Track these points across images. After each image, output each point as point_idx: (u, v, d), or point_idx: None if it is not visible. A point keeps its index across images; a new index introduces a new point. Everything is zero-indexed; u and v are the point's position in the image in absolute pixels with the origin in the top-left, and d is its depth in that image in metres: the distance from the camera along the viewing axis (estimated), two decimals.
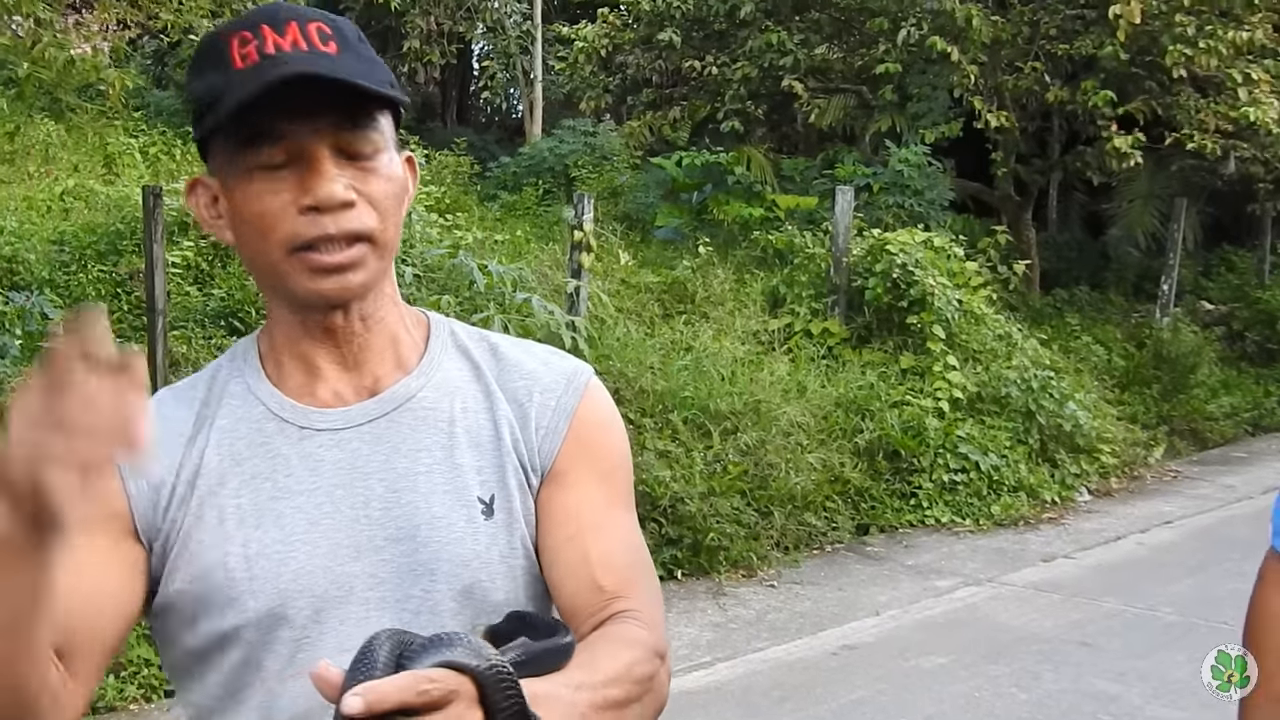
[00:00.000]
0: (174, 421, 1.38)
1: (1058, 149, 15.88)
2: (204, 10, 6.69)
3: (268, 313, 1.43)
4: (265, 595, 1.31)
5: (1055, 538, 8.54)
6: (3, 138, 13.64)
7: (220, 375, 1.43)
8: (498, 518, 1.38)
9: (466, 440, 1.40)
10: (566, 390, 1.44)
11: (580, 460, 1.42)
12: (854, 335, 10.12)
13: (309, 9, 1.35)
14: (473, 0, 19.92)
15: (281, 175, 1.30)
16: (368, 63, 1.32)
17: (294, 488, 1.35)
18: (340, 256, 1.31)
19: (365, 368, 1.41)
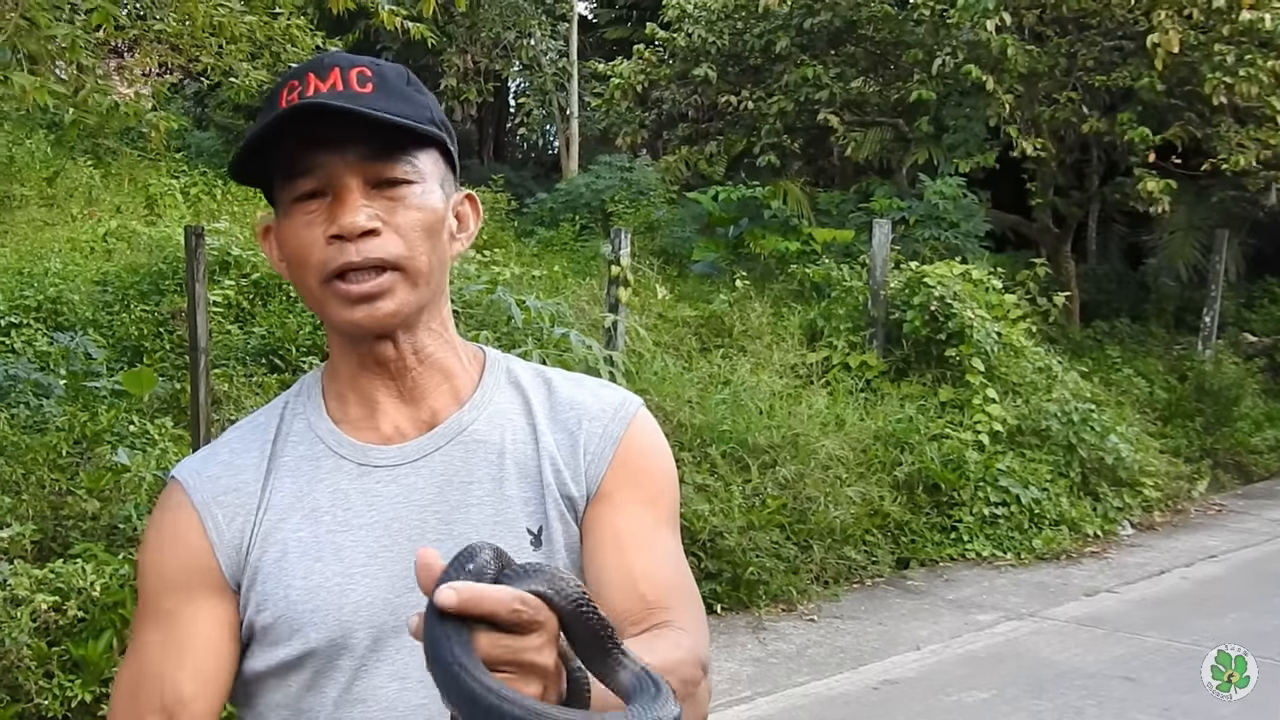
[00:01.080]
0: (245, 469, 1.43)
1: (1096, 180, 15.80)
2: (244, 53, 6.74)
3: (329, 346, 1.48)
4: (327, 626, 1.36)
5: (1098, 572, 8.44)
6: (44, 181, 13.84)
7: (287, 412, 1.48)
8: (545, 548, 1.41)
9: (515, 471, 1.44)
10: (614, 419, 1.48)
11: (626, 483, 1.45)
12: (892, 368, 10.08)
13: (359, 57, 1.40)
14: (509, 38, 20.09)
15: (315, 206, 1.36)
16: (403, 101, 1.37)
17: (353, 522, 1.40)
18: (367, 285, 1.35)
19: (423, 402, 1.45)
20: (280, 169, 1.37)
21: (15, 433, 6.26)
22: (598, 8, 24.88)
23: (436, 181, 1.41)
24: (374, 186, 1.36)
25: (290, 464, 1.43)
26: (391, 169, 1.36)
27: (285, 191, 1.38)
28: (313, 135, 1.33)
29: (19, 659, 4.53)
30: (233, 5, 6.54)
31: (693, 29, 14.56)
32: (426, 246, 1.38)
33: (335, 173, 1.35)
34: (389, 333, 1.39)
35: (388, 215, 1.35)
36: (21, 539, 4.93)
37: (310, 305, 1.41)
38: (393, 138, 1.36)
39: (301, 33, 7.02)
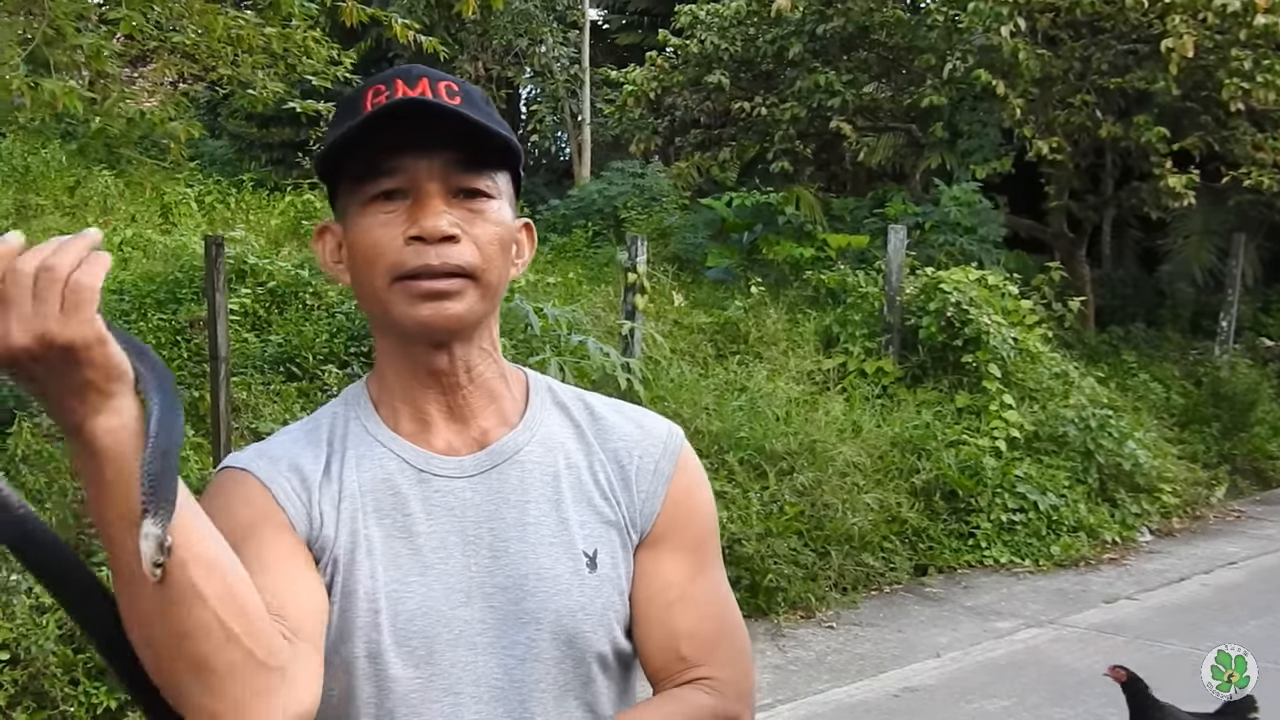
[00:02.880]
0: (304, 456, 1.42)
1: (1111, 185, 15.77)
2: (260, 64, 6.77)
3: (377, 356, 1.47)
4: (384, 631, 1.36)
5: (1117, 579, 8.42)
6: (65, 191, 13.89)
7: (337, 418, 1.47)
8: (601, 571, 1.42)
9: (571, 496, 1.45)
10: (664, 455, 1.49)
11: (675, 527, 1.47)
12: (908, 374, 10.07)
13: (443, 72, 1.40)
14: (521, 45, 20.12)
15: (393, 208, 1.36)
16: (486, 116, 1.37)
17: (411, 528, 1.40)
18: (439, 283, 1.35)
19: (473, 421, 1.45)
20: (361, 168, 1.37)
21: (38, 441, 6.28)
22: (609, 14, 24.89)
23: (508, 201, 1.43)
24: (454, 195, 1.37)
25: (353, 460, 1.42)
26: (475, 180, 1.38)
27: (361, 190, 1.38)
28: (400, 137, 1.34)
29: (45, 666, 4.55)
30: (249, 17, 6.57)
31: (705, 35, 14.56)
32: (499, 261, 1.40)
33: (420, 175, 1.35)
34: (447, 340, 1.40)
35: (466, 225, 1.36)
36: None
37: (369, 305, 1.41)
38: (478, 151, 1.37)
39: (318, 44, 7.05)
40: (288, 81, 7.30)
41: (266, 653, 1.15)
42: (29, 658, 4.53)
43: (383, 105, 1.34)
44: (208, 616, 1.12)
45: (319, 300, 9.42)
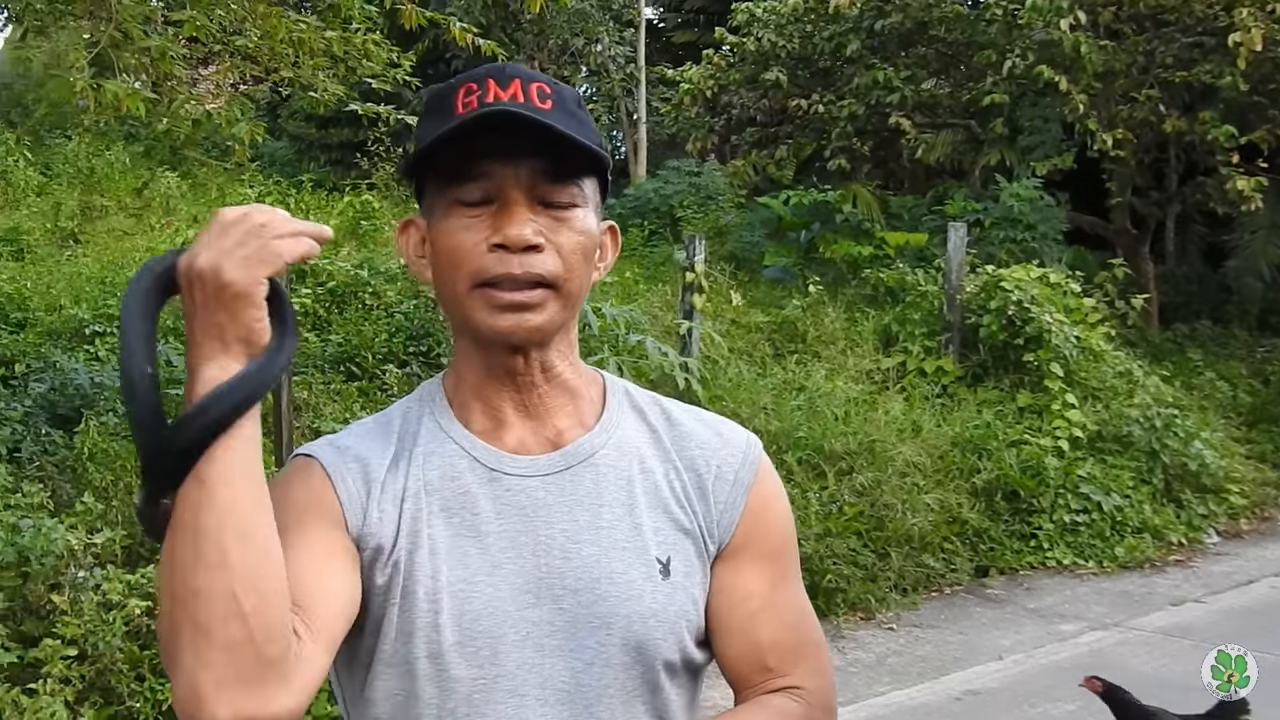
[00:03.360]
0: (373, 447, 1.42)
1: (1175, 180, 15.55)
2: (321, 67, 6.81)
3: (455, 354, 1.48)
4: (448, 630, 1.34)
5: (1183, 581, 8.30)
6: (130, 192, 14.08)
7: (410, 413, 1.47)
8: (674, 579, 1.41)
9: (646, 501, 1.43)
10: (743, 465, 1.48)
11: (754, 538, 1.46)
12: (969, 373, 9.98)
13: (536, 72, 1.41)
14: (577, 45, 20.15)
15: (478, 213, 1.36)
16: (579, 125, 1.36)
17: (480, 527, 1.38)
18: (521, 295, 1.35)
19: (548, 420, 1.44)
20: (448, 171, 1.37)
21: (104, 440, 6.36)
22: (665, 13, 24.89)
23: (594, 208, 1.41)
24: (540, 203, 1.36)
25: (422, 458, 1.42)
26: (561, 190, 1.37)
27: (447, 193, 1.38)
28: (488, 143, 1.34)
29: (112, 662, 4.60)
30: (311, 21, 6.62)
31: (762, 33, 14.52)
32: (581, 270, 1.39)
33: (506, 183, 1.35)
34: (525, 347, 1.39)
35: (551, 234, 1.36)
36: (112, 544, 4.99)
37: (449, 307, 1.41)
38: (567, 159, 1.36)
39: (377, 47, 7.09)
40: (347, 83, 7.34)
41: (266, 641, 1.14)
42: (96, 654, 4.58)
43: (471, 113, 1.33)
44: (224, 585, 1.12)
45: (378, 300, 9.48)
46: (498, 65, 1.40)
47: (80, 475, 6.12)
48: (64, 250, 12.09)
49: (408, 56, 7.48)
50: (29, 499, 5.44)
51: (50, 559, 4.76)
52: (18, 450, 6.49)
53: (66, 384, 7.34)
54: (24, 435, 6.67)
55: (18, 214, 13.03)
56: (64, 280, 10.30)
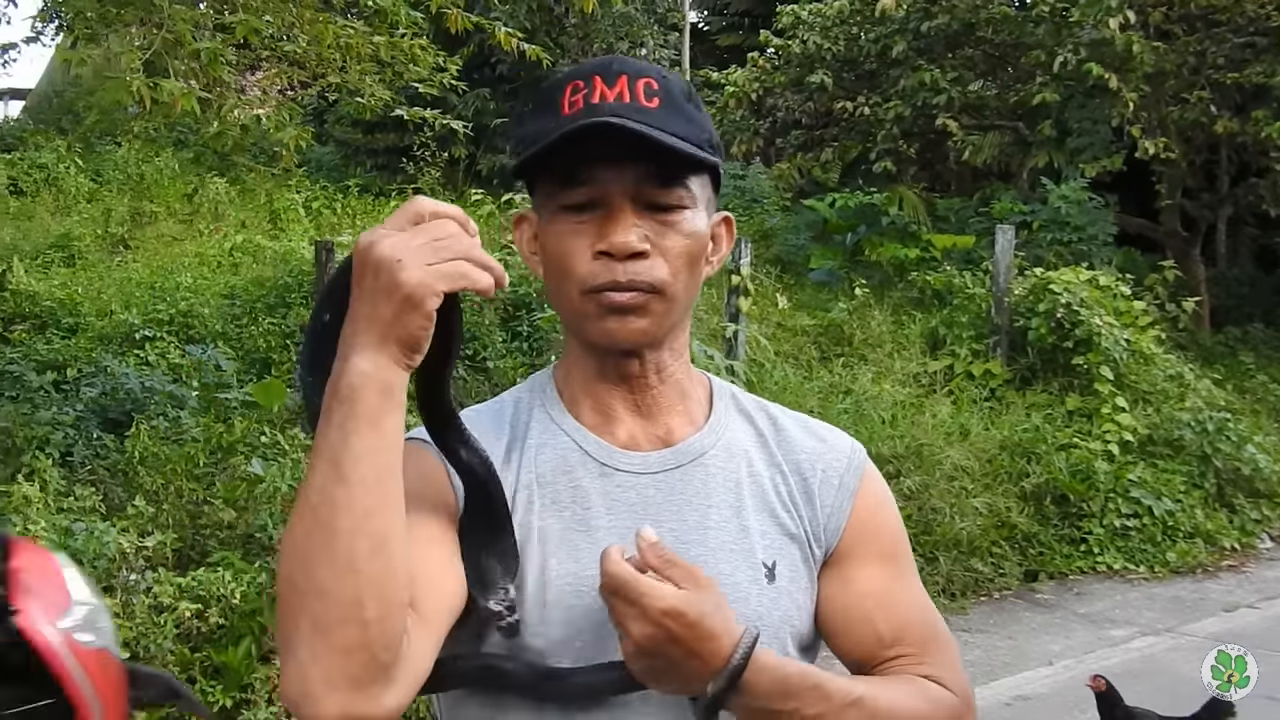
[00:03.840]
0: (486, 435, 1.40)
1: (1227, 182, 15.38)
2: (369, 70, 6.85)
3: (565, 349, 1.48)
4: (555, 624, 1.33)
5: (1236, 586, 8.20)
6: (179, 198, 14.21)
7: (521, 404, 1.47)
8: (779, 584, 1.40)
9: (753, 504, 1.43)
10: (848, 470, 1.48)
11: (863, 542, 1.46)
12: (1017, 376, 9.90)
13: (645, 65, 1.39)
14: (621, 48, 20.15)
15: (585, 218, 1.35)
16: (686, 121, 1.36)
17: (591, 522, 1.38)
18: (625, 298, 1.34)
19: (658, 418, 1.44)
20: (555, 173, 1.37)
21: (155, 444, 6.42)
22: (709, 16, 24.86)
23: (704, 205, 1.40)
24: (646, 207, 1.35)
25: (534, 449, 1.42)
26: (667, 194, 1.36)
27: (554, 196, 1.38)
28: (593, 148, 1.33)
29: (163, 665, 4.63)
30: (359, 26, 6.66)
31: (807, 35, 14.47)
32: (688, 274, 1.38)
33: (611, 189, 1.34)
34: (636, 350, 1.40)
35: (657, 238, 1.35)
36: (163, 547, 5.04)
37: (558, 308, 1.42)
38: (673, 163, 1.35)
39: (424, 52, 7.11)
40: (394, 88, 7.38)
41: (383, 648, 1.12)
42: (148, 656, 4.62)
43: (573, 120, 1.32)
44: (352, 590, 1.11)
45: None
46: (605, 60, 1.40)
47: (131, 479, 6.18)
48: (114, 256, 12.22)
49: (454, 61, 7.51)
50: (81, 502, 5.51)
51: (102, 562, 4.81)
52: (70, 454, 6.56)
53: (118, 388, 7.42)
54: (76, 439, 6.74)
55: (69, 220, 13.19)
56: (114, 286, 10.42)
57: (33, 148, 15.47)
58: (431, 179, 15.70)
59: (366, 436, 1.12)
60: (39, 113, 20.10)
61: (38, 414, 7.01)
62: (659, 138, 1.30)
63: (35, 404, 7.31)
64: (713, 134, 1.39)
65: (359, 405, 1.11)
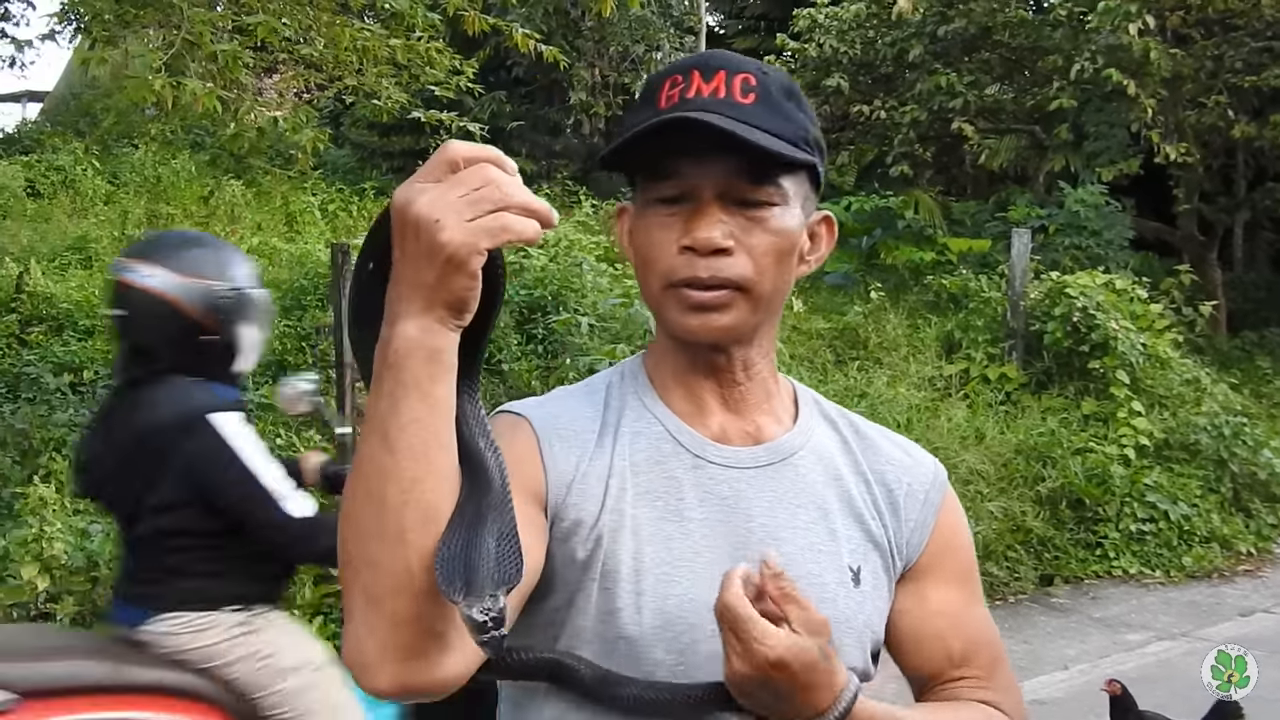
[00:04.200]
0: (581, 418, 1.42)
1: (1244, 186, 15.33)
2: (386, 73, 6.87)
3: (657, 339, 1.47)
4: (649, 613, 1.33)
5: (1253, 591, 8.17)
6: (196, 201, 14.25)
7: (613, 388, 1.47)
8: (864, 589, 1.41)
9: (839, 508, 1.43)
10: (933, 486, 1.49)
11: (942, 559, 1.47)
12: (1033, 380, 9.88)
13: (745, 60, 1.38)
14: (638, 52, 20.17)
15: (673, 212, 1.35)
16: (782, 118, 1.34)
17: (684, 513, 1.37)
18: (708, 295, 1.34)
19: (747, 415, 1.44)
20: (645, 167, 1.37)
21: None
22: (726, 19, 24.86)
23: (799, 203, 1.38)
24: (734, 203, 1.34)
25: (628, 436, 1.41)
26: (756, 191, 1.34)
27: (646, 189, 1.37)
28: (683, 141, 1.31)
29: None
30: (376, 29, 6.68)
31: (823, 39, 14.49)
32: (774, 272, 1.36)
33: (699, 183, 1.33)
34: (723, 345, 1.39)
35: (743, 234, 1.33)
36: None
37: (646, 299, 1.41)
38: (762, 159, 1.32)
39: (440, 55, 7.13)
40: (410, 91, 7.39)
41: (436, 618, 1.12)
42: None
43: (664, 115, 1.32)
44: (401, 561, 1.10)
45: None
46: (705, 55, 1.39)
47: None
48: None
49: (470, 63, 7.52)
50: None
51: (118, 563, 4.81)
52: None
53: None
54: None
55: (86, 222, 13.22)
56: None
57: (50, 150, 15.53)
58: None
59: (415, 405, 1.09)
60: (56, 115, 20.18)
61: (54, 416, 7.04)
62: (744, 134, 1.29)
63: (52, 406, 7.34)
64: (811, 132, 1.37)
65: (406, 373, 1.08)
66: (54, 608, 4.57)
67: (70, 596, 4.63)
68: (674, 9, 20.23)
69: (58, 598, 4.61)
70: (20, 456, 6.47)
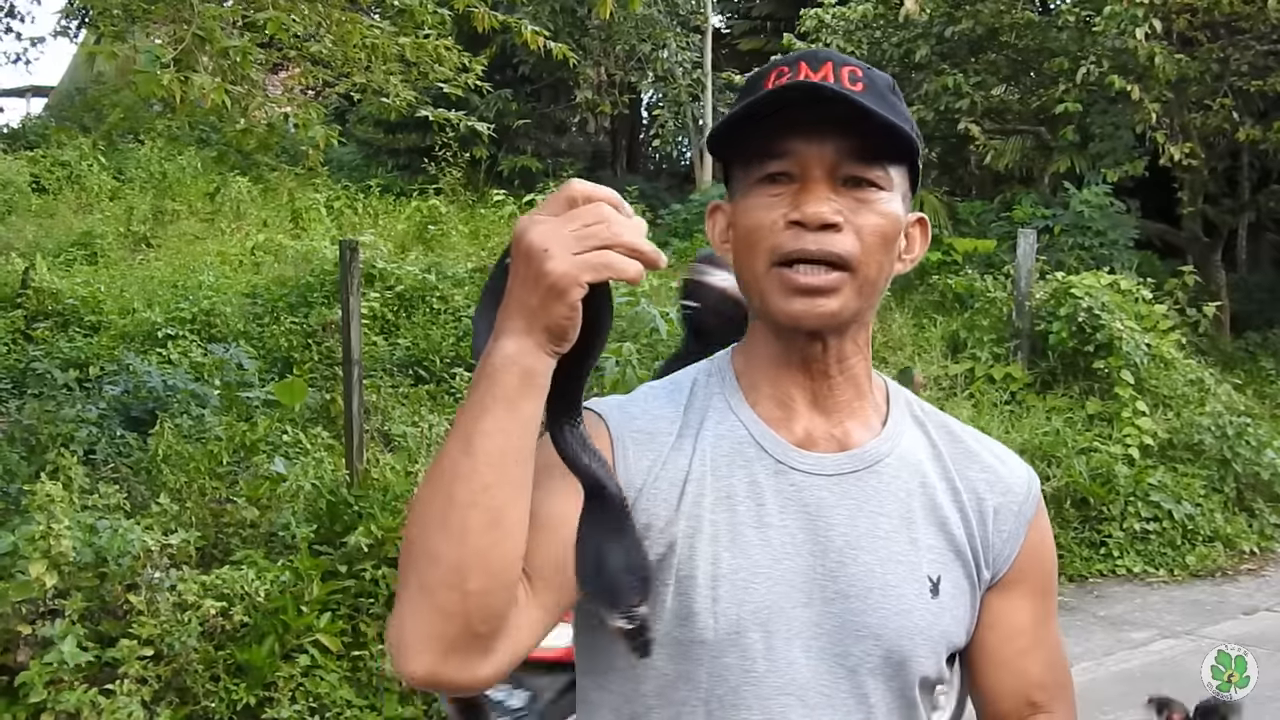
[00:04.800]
0: (661, 419, 1.41)
1: (1248, 188, 15.33)
2: (394, 70, 6.87)
3: (750, 332, 1.46)
4: (726, 618, 1.33)
5: (1256, 590, 8.18)
6: (202, 197, 14.27)
7: (698, 386, 1.46)
8: (942, 599, 1.39)
9: (923, 517, 1.41)
10: (1026, 499, 1.47)
11: (1030, 573, 1.46)
12: (1037, 380, 9.89)
13: (849, 57, 1.38)
14: (644, 50, 20.18)
15: (779, 191, 1.34)
16: (889, 109, 1.33)
17: (764, 519, 1.36)
18: (816, 279, 1.32)
19: (835, 415, 1.42)
20: (753, 148, 1.35)
21: (178, 442, 6.45)
22: (732, 19, 24.87)
23: (900, 195, 1.38)
24: (843, 183, 1.33)
25: (710, 439, 1.39)
26: (866, 169, 1.33)
27: (751, 170, 1.36)
28: (795, 119, 1.32)
29: (188, 663, 4.66)
30: (385, 26, 6.67)
31: (830, 39, 14.48)
32: (880, 255, 1.35)
33: (809, 160, 1.32)
34: (821, 333, 1.37)
35: (851, 214, 1.33)
36: (187, 546, 5.04)
37: (747, 289, 1.39)
38: (873, 141, 1.33)
39: (449, 52, 7.13)
40: (418, 88, 7.39)
41: (481, 620, 1.16)
42: (172, 654, 4.64)
43: (776, 88, 1.33)
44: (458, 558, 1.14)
45: (445, 304, 9.56)
46: (811, 50, 1.39)
47: (154, 477, 6.21)
48: (136, 254, 12.29)
49: (478, 61, 7.52)
50: (105, 500, 5.53)
51: (127, 560, 4.83)
52: (93, 452, 6.60)
53: (140, 387, 7.46)
54: (99, 437, 6.78)
55: (91, 218, 13.26)
56: (136, 284, 10.48)
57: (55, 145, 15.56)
58: (453, 179, 15.73)
59: (500, 416, 1.14)
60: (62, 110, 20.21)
61: (61, 411, 7.06)
62: (860, 101, 1.29)
63: (59, 401, 7.36)
64: (914, 126, 1.37)
65: (498, 386, 1.14)
66: (62, 604, 4.58)
67: (79, 592, 4.64)
68: (680, 8, 20.25)
69: (66, 594, 4.62)
70: (27, 452, 6.48)
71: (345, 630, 5.17)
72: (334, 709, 4.91)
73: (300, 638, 4.96)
